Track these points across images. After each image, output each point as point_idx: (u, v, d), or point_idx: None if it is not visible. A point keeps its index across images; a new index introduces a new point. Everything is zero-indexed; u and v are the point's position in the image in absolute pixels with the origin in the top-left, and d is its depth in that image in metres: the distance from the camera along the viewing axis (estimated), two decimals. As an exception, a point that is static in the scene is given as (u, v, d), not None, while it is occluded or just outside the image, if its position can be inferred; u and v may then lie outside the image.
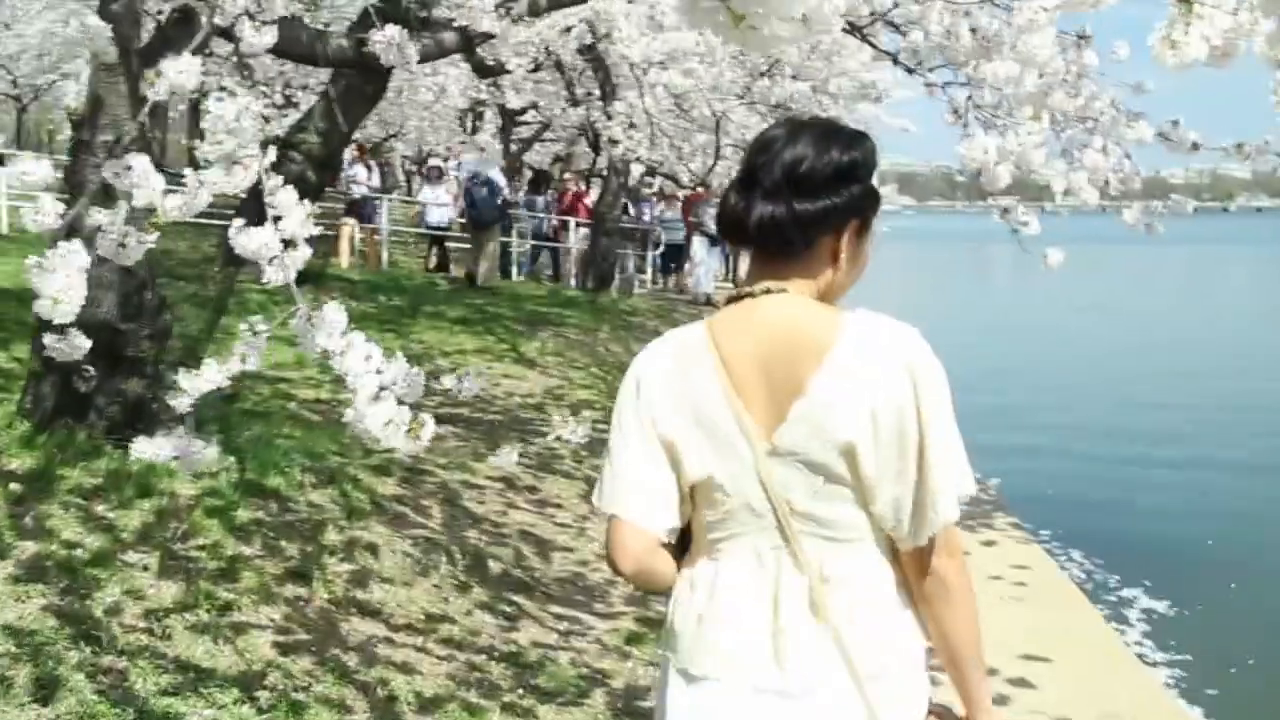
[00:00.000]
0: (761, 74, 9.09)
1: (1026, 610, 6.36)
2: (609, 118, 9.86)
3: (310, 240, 2.79)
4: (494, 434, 8.48)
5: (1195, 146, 5.49)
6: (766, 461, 1.91)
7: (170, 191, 2.55)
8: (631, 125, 9.69)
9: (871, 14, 6.71)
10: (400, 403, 2.60)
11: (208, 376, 2.68)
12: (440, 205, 18.02)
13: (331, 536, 4.92)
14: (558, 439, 5.93)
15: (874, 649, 1.91)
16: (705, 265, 20.27)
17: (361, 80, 12.05)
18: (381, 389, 2.67)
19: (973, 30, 5.97)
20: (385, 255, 18.29)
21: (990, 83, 5.38)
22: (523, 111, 19.96)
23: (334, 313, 2.79)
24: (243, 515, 4.77)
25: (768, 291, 1.95)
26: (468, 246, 17.36)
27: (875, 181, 2.01)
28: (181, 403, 2.66)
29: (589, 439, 5.12)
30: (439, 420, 7.84)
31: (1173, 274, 41.65)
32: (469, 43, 6.41)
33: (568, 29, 9.45)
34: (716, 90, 9.31)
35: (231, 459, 5.19)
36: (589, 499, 7.34)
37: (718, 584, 1.96)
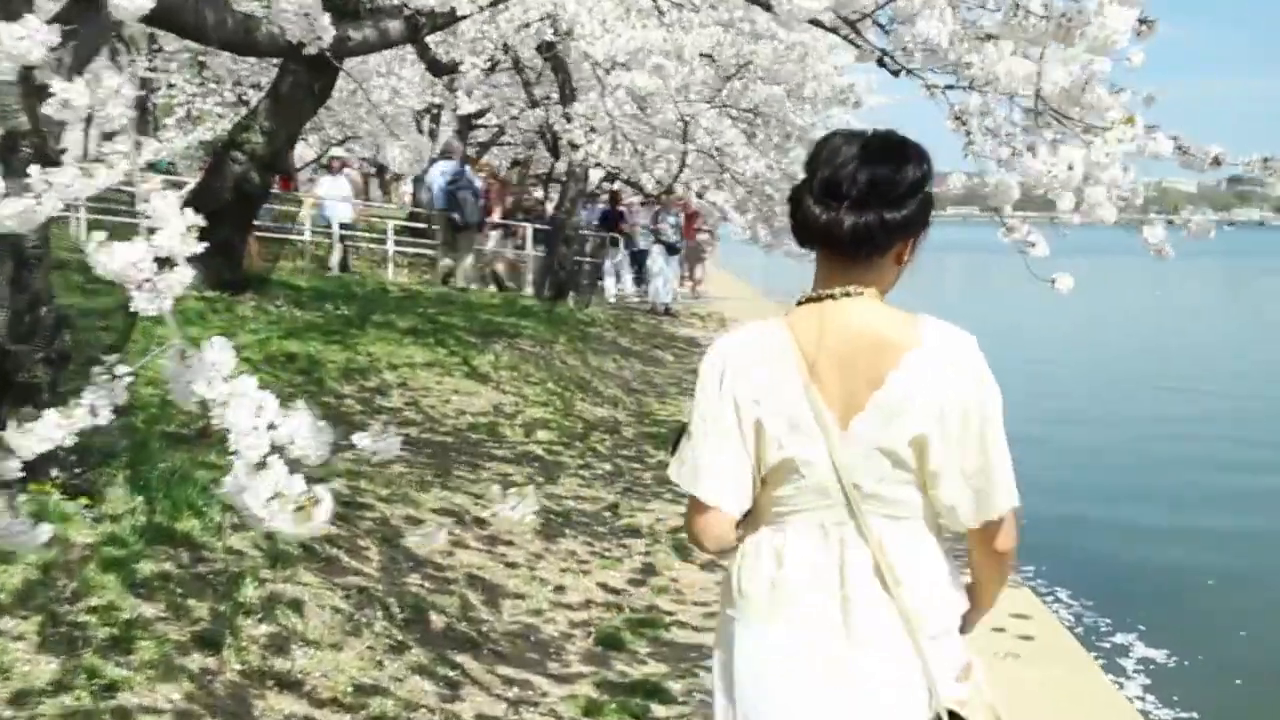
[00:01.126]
0: (728, 77, 8.54)
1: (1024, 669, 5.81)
2: (568, 120, 9.28)
3: (235, 248, 2.21)
4: (443, 458, 7.89)
5: (1217, 161, 4.99)
6: (841, 447, 2.13)
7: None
8: (592, 129, 9.12)
9: (859, 11, 6.19)
10: (295, 470, 2.03)
11: (43, 433, 2.09)
12: (339, 200, 17.15)
13: (250, 592, 4.31)
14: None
15: (931, 613, 2.16)
16: (664, 275, 19.76)
17: (309, 77, 11.48)
18: (275, 450, 2.09)
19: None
20: (336, 259, 17.64)
21: (1004, 85, 4.84)
22: (480, 114, 19.37)
23: (218, 352, 2.20)
24: (146, 568, 4.16)
25: (846, 294, 2.17)
26: (431, 250, 16.95)
27: None
28: (8, 466, 2.07)
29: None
30: (383, 443, 7.14)
31: (1160, 287, 41.10)
32: (415, 32, 5.83)
33: (526, 25, 8.89)
34: (684, 92, 8.80)
35: (140, 499, 4.59)
36: (543, 533, 6.80)
37: (786, 554, 2.18)
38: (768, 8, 7.17)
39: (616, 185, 18.46)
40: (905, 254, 2.21)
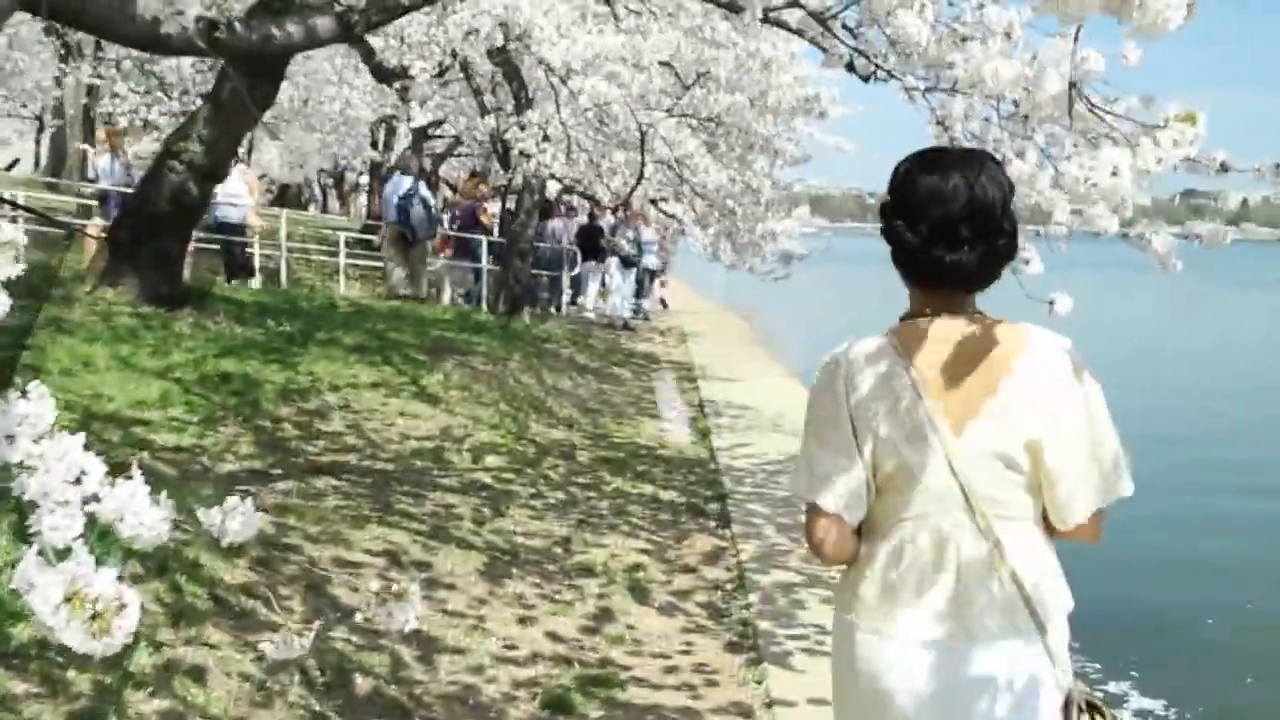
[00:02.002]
0: (688, 86, 8.07)
1: None
2: (521, 129, 8.79)
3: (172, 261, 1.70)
4: (383, 488, 7.38)
5: (1224, 168, 4.57)
6: (956, 453, 2.22)
7: None
8: (545, 138, 8.62)
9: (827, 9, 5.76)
10: (100, 563, 1.55)
11: None
12: (234, 203, 16.33)
13: (143, 659, 3.78)
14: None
15: (1047, 606, 2.25)
16: (620, 291, 19.31)
17: (250, 83, 10.93)
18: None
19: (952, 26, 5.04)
20: (285, 272, 17.08)
21: (991, 87, 4.40)
22: (436, 125, 18.87)
23: (35, 403, 1.69)
24: (24, 632, 3.62)
25: (950, 312, 2.29)
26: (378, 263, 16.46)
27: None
28: None
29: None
30: (319, 470, 6.62)
31: (1141, 301, 40.64)
32: (348, 30, 5.32)
33: (474, 31, 8.39)
34: (643, 101, 8.32)
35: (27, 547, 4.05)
36: (489, 574, 6.30)
37: (904, 557, 2.27)
38: (730, 7, 6.74)
39: (573, 198, 18.01)
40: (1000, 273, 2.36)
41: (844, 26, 6.04)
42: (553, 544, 6.95)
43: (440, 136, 21.05)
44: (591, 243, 19.41)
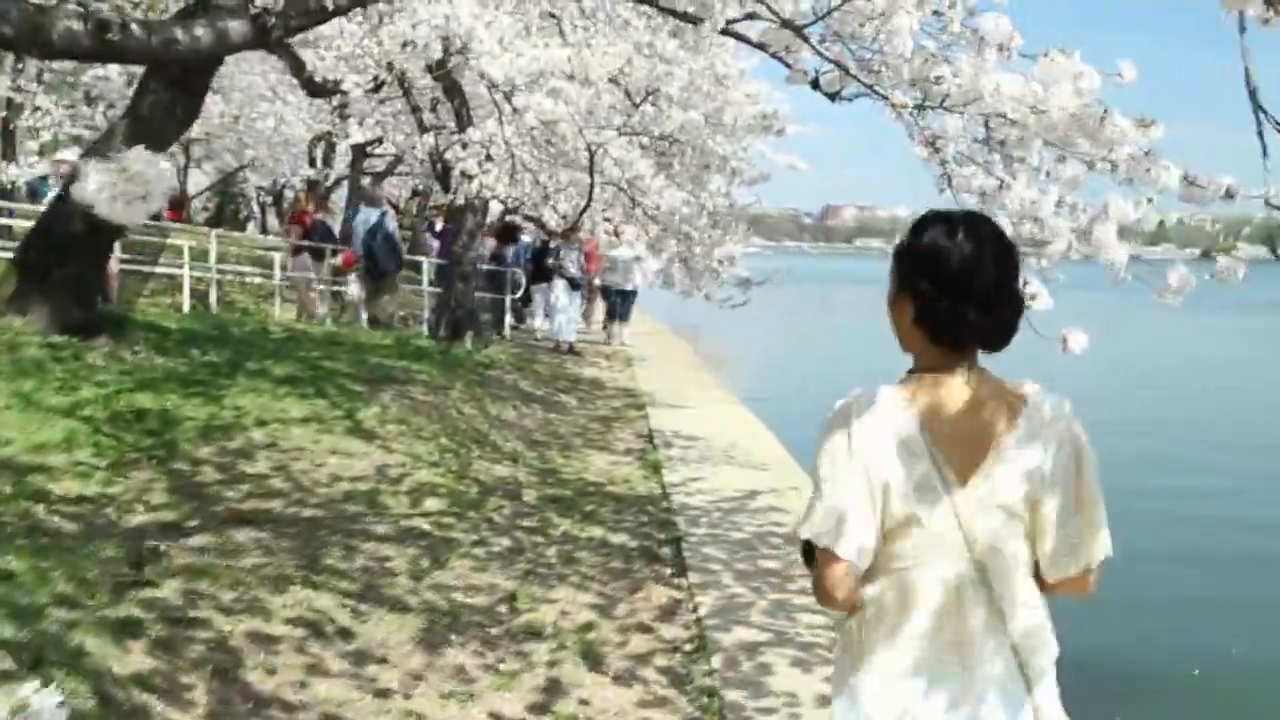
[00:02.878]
0: (636, 104, 7.52)
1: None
2: (463, 148, 8.20)
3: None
4: (310, 540, 6.76)
5: (1230, 195, 4.10)
6: (962, 503, 2.33)
7: None
8: (488, 157, 8.05)
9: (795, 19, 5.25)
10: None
11: None
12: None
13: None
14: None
15: (1041, 654, 2.40)
16: (566, 313, 18.73)
17: (170, 95, 10.25)
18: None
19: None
20: (215, 296, 16.36)
21: (989, 104, 3.90)
22: (375, 143, 18.24)
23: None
24: None
25: (960, 368, 2.40)
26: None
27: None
28: None
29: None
30: (240, 520, 5.93)
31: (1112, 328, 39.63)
32: (263, 35, 4.72)
33: (409, 43, 7.84)
34: (591, 118, 7.77)
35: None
36: (426, 641, 5.68)
37: (909, 603, 2.36)
38: (689, 19, 6.20)
39: (517, 220, 17.44)
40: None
41: (810, 45, 5.56)
42: (497, 601, 6.36)
43: (380, 155, 20.40)
44: (540, 265, 18.84)
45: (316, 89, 9.12)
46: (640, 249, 15.39)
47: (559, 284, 18.35)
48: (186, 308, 16.06)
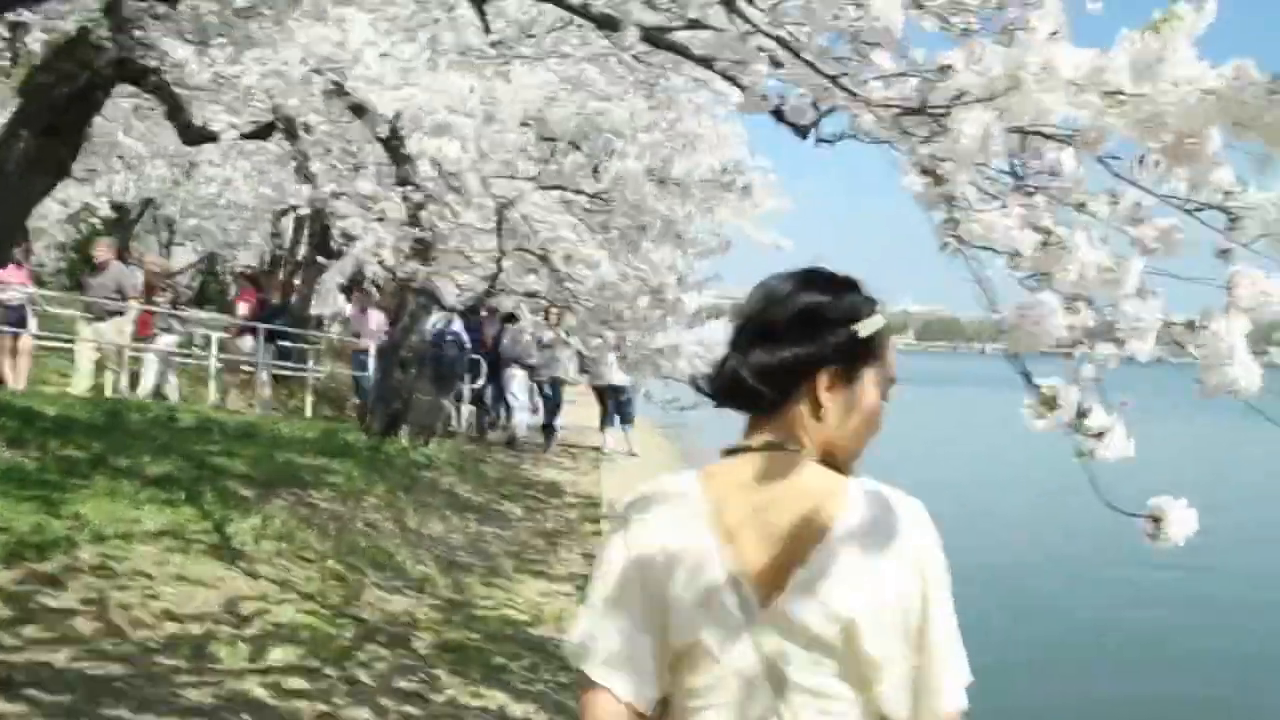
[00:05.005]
0: (553, 152, 5.86)
1: None
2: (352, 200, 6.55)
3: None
4: (83, 712, 5.01)
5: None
6: (762, 628, 1.83)
7: None
8: (381, 218, 6.40)
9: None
10: None
11: None
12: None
13: None
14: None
15: None
16: (521, 405, 17.00)
17: (37, 143, 8.66)
18: None
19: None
20: (124, 378, 14.65)
21: (1031, 101, 2.18)
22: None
23: None
24: None
25: (768, 446, 1.91)
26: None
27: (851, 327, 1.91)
28: None
29: None
30: (11, 686, 4.08)
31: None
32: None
33: (278, 72, 6.27)
34: (508, 168, 6.14)
35: None
36: None
37: None
38: (604, 23, 4.56)
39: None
40: (821, 401, 1.89)
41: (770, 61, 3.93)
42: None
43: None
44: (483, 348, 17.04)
45: (193, 136, 7.45)
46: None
47: (518, 372, 16.67)
48: (82, 388, 14.25)
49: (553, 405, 17.73)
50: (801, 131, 4.25)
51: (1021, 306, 2.47)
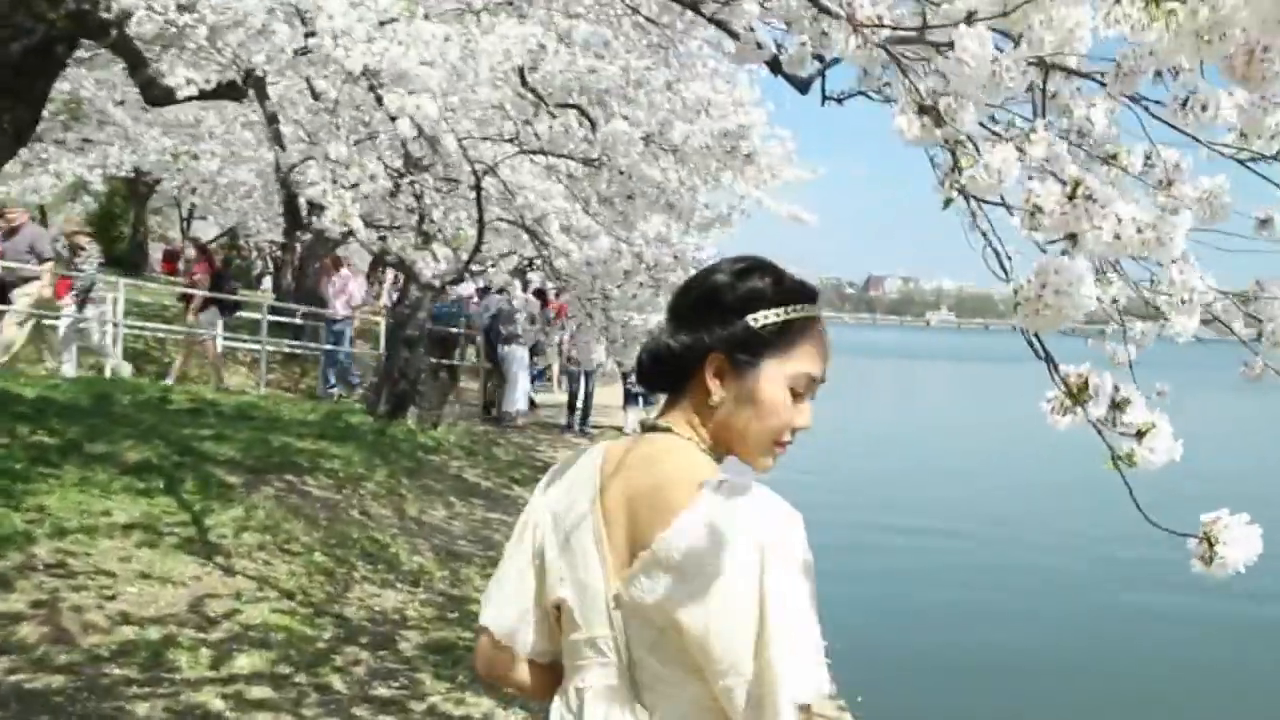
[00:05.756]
0: (547, 106, 5.20)
1: None
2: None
3: None
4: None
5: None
6: (613, 603, 1.85)
7: None
8: (355, 185, 5.80)
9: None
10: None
11: None
12: None
13: None
14: None
15: None
16: (521, 381, 16.41)
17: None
18: None
19: None
20: (121, 355, 14.14)
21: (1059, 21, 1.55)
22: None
23: None
24: None
25: (647, 428, 1.95)
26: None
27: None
28: None
29: None
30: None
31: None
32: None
33: (239, 23, 5.70)
34: (483, 127, 5.52)
35: None
36: None
37: (583, 714, 1.89)
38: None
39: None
40: (710, 388, 1.87)
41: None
42: None
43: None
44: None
45: (157, 93, 6.89)
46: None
47: (519, 351, 16.08)
48: (69, 369, 13.62)
49: (577, 389, 17.04)
50: (802, 86, 3.71)
51: (1040, 272, 1.83)
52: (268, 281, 35.35)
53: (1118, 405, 1.94)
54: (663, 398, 2.01)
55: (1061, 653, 9.92)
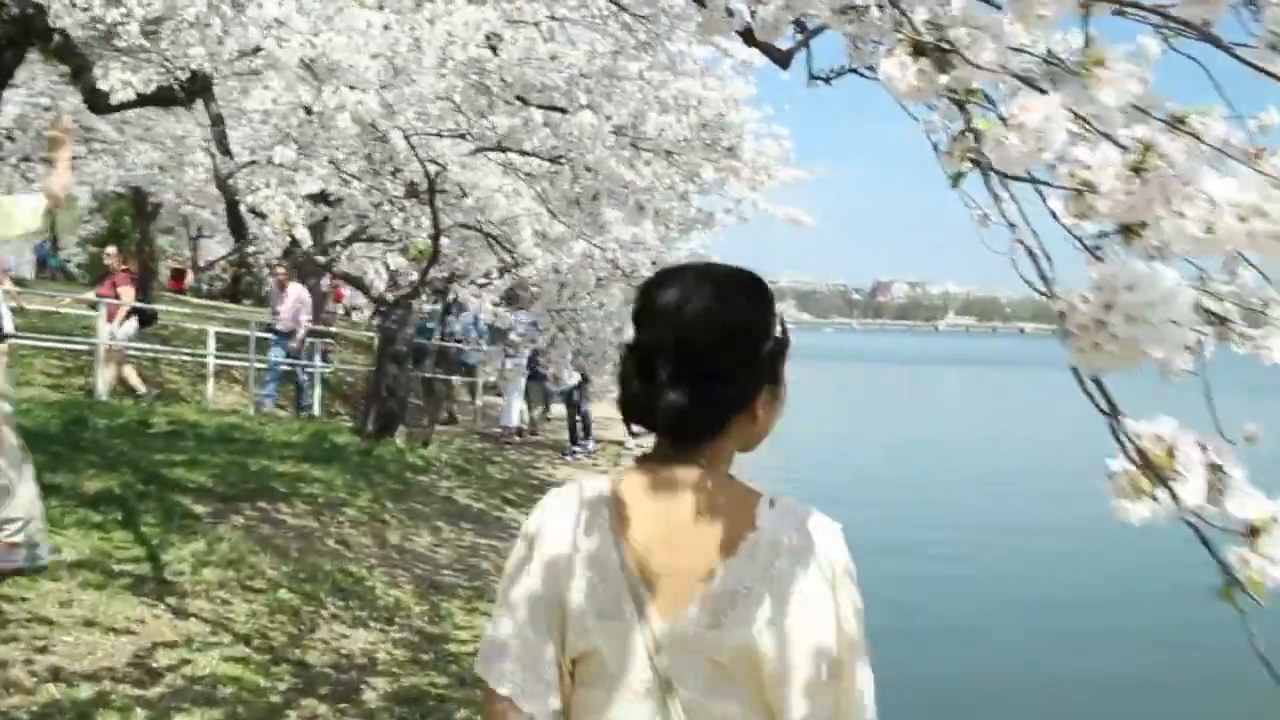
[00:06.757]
0: (503, 97, 4.65)
1: None
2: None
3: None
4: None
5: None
6: (659, 644, 1.73)
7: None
8: (315, 197, 5.24)
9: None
10: None
11: None
12: None
13: None
14: None
15: None
16: (517, 395, 15.87)
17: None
18: None
19: None
20: (102, 376, 13.66)
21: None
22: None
23: None
24: None
25: (677, 457, 1.77)
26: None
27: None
28: None
29: None
30: None
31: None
32: None
33: (167, 16, 5.18)
34: (426, 121, 4.96)
35: None
36: None
37: None
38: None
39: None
40: (758, 414, 1.79)
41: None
42: None
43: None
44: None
45: (101, 101, 6.40)
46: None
47: (513, 365, 15.56)
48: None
49: (576, 410, 16.38)
50: (782, 60, 3.24)
51: (1103, 287, 1.22)
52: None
53: (1216, 486, 1.32)
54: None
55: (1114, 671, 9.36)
